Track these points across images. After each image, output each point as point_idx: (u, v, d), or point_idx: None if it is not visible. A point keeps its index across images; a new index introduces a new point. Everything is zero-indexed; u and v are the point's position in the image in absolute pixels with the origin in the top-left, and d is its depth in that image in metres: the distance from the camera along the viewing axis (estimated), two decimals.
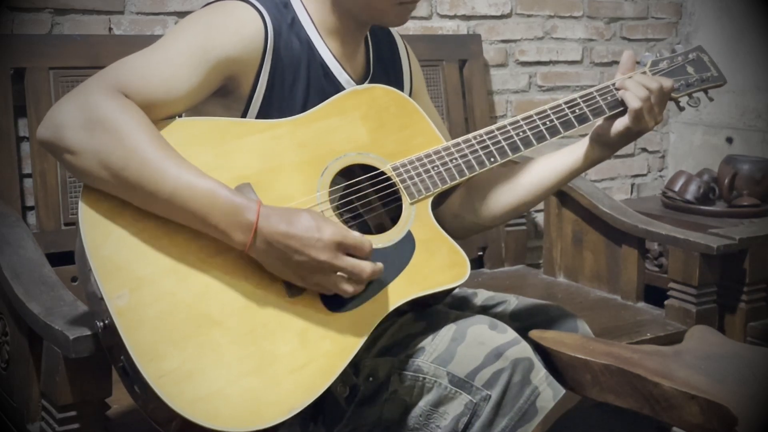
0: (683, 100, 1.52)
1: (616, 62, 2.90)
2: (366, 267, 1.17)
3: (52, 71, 1.87)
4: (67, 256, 1.76)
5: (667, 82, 1.41)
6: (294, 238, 1.13)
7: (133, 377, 1.09)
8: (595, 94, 1.42)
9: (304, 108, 1.31)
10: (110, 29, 2.03)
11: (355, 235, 1.17)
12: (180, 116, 1.26)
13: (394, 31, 1.53)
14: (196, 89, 1.21)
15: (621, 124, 1.39)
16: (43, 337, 1.32)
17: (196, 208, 1.12)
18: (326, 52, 1.35)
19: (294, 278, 1.17)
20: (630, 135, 1.40)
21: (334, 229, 1.15)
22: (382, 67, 1.46)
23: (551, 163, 1.46)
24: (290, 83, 1.31)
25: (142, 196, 1.13)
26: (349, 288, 1.17)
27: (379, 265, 1.19)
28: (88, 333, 1.23)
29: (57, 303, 1.35)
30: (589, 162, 1.44)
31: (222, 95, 1.28)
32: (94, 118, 1.11)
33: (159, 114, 1.18)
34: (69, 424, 1.30)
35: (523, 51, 2.69)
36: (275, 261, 1.15)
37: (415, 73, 1.53)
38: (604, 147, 1.43)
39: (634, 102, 1.37)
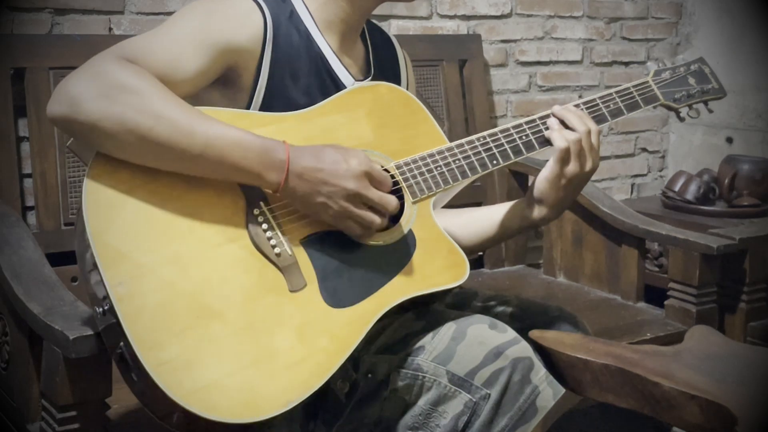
0: (683, 111, 1.53)
1: (617, 62, 2.90)
2: (392, 199, 1.22)
3: (52, 71, 1.87)
4: (67, 256, 1.76)
5: (594, 126, 1.37)
6: (323, 170, 1.18)
7: (131, 365, 1.09)
8: (597, 100, 1.43)
9: (306, 100, 1.31)
10: (110, 29, 2.03)
11: (379, 168, 1.22)
12: None
13: (393, 37, 1.54)
14: (200, 73, 1.22)
15: (547, 170, 1.35)
16: (43, 337, 1.32)
17: (230, 155, 1.14)
18: (325, 45, 1.36)
19: (324, 213, 1.20)
20: (556, 181, 1.34)
21: (360, 159, 1.20)
22: (382, 68, 1.46)
23: (490, 216, 1.45)
24: (292, 75, 1.31)
25: (171, 155, 1.14)
26: (376, 220, 1.21)
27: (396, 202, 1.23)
28: (88, 333, 1.23)
29: (57, 303, 1.35)
30: (527, 221, 1.40)
31: (224, 86, 1.28)
32: (112, 84, 1.11)
33: None
34: (69, 424, 1.30)
35: (523, 51, 2.69)
36: (306, 196, 1.18)
37: (411, 83, 1.55)
38: (540, 204, 1.37)
39: (559, 141, 1.33)
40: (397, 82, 1.49)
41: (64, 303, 1.36)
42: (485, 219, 1.46)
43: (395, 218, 1.31)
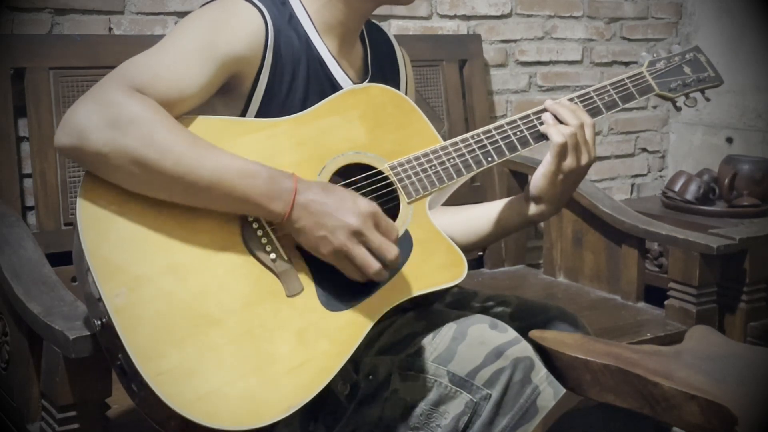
0: (680, 101, 1.52)
1: (617, 62, 2.90)
2: (393, 249, 1.19)
3: (52, 71, 1.87)
4: (67, 256, 1.75)
5: (588, 119, 1.36)
6: (329, 203, 1.17)
7: (131, 376, 1.09)
8: (592, 93, 1.43)
9: (304, 105, 1.31)
10: (110, 29, 2.03)
11: (388, 219, 1.21)
12: None
13: (393, 38, 1.54)
14: (205, 87, 1.22)
15: (544, 166, 1.35)
16: (43, 337, 1.32)
17: (238, 186, 1.14)
18: (324, 49, 1.35)
19: (324, 247, 1.17)
20: (554, 177, 1.34)
21: (369, 202, 1.19)
22: (381, 69, 1.46)
23: (488, 213, 1.45)
24: (290, 80, 1.31)
25: (179, 188, 1.13)
26: (374, 265, 1.18)
27: (397, 252, 1.20)
28: (88, 333, 1.23)
29: (57, 303, 1.35)
30: (527, 217, 1.40)
31: (223, 93, 1.28)
32: (120, 117, 1.11)
33: (172, 112, 1.18)
34: (69, 424, 1.30)
35: (523, 51, 2.69)
36: (308, 228, 1.16)
37: (410, 82, 1.54)
38: (538, 200, 1.38)
39: (556, 136, 1.33)
40: (396, 82, 1.49)
41: (64, 303, 1.36)
42: (484, 217, 1.46)
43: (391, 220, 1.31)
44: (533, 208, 1.39)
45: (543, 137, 1.37)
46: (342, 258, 1.18)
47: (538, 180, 1.36)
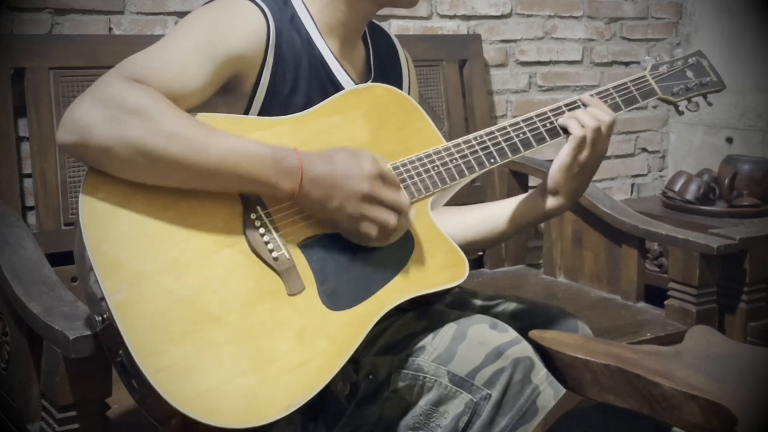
0: (682, 105, 1.53)
1: (617, 62, 2.90)
2: (405, 199, 1.24)
3: (52, 71, 1.87)
4: (67, 256, 1.76)
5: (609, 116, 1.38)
6: (336, 174, 1.19)
7: (131, 372, 1.09)
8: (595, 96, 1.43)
9: (306, 105, 1.31)
10: (110, 29, 2.03)
11: (389, 170, 1.24)
12: None
13: (395, 39, 1.54)
14: (205, 85, 1.21)
15: (560, 160, 1.37)
16: (43, 337, 1.32)
17: (245, 167, 1.15)
18: (326, 49, 1.35)
19: (340, 216, 1.20)
20: (570, 170, 1.37)
21: (371, 161, 1.21)
22: (383, 70, 1.46)
23: (503, 210, 1.46)
24: (292, 80, 1.31)
25: (186, 173, 1.13)
26: (392, 220, 1.22)
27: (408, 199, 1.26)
28: (88, 333, 1.23)
29: (57, 303, 1.35)
30: (543, 212, 1.41)
31: (224, 93, 1.28)
32: (121, 108, 1.10)
33: None
34: (69, 424, 1.30)
35: (523, 51, 2.69)
36: (321, 200, 1.18)
37: (413, 83, 1.54)
38: (555, 194, 1.40)
39: (577, 130, 1.35)
40: (399, 83, 1.49)
41: (64, 303, 1.36)
42: (501, 214, 1.46)
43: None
44: (551, 202, 1.40)
45: (544, 140, 1.38)
46: (360, 221, 1.21)
47: (554, 173, 1.37)
